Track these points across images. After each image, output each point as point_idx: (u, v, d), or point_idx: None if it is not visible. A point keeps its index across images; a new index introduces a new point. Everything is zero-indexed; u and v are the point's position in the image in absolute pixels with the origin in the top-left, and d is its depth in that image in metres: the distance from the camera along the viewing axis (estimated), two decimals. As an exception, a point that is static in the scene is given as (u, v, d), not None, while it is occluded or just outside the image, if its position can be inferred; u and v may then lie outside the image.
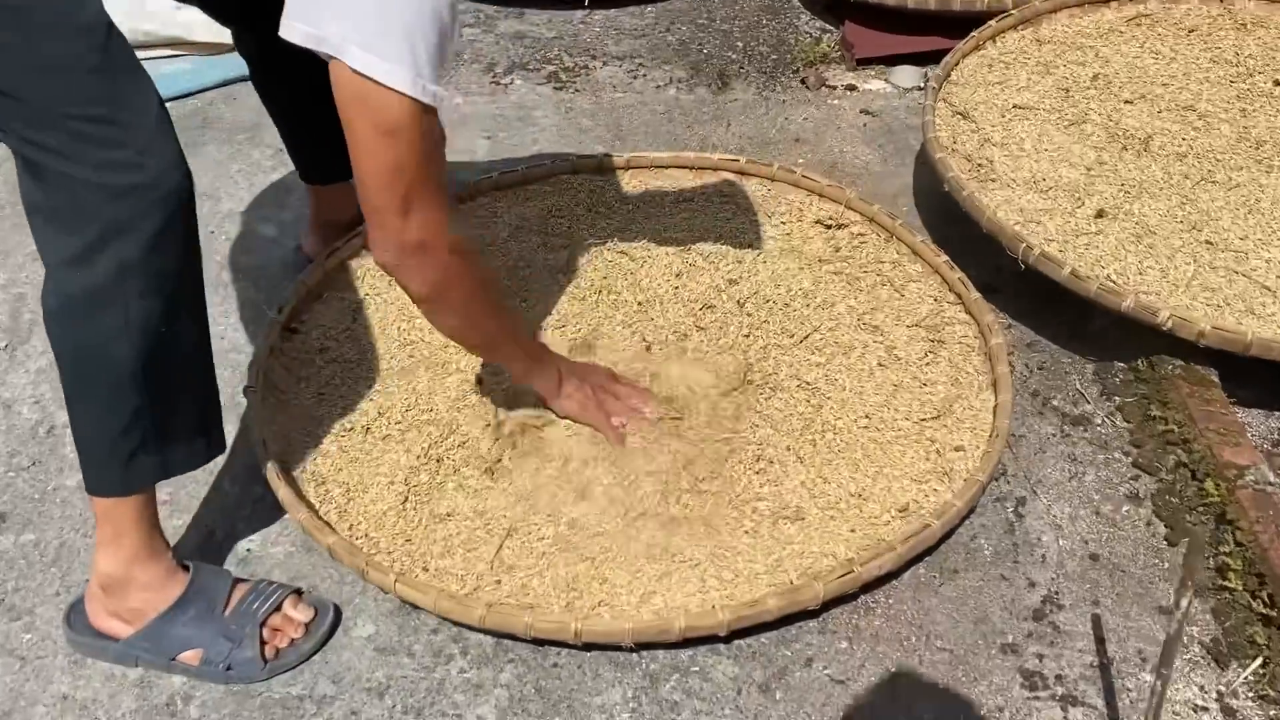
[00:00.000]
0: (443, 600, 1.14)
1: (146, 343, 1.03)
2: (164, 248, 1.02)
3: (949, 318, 1.52)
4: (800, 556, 1.21)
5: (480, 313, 1.18)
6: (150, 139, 1.00)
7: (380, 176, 1.01)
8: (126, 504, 1.12)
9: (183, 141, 1.06)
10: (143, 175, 0.99)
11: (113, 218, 0.98)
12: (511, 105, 2.14)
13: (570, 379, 1.33)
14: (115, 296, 1.01)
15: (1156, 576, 1.25)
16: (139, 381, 1.04)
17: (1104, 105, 1.78)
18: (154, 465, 1.11)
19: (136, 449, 1.08)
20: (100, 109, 0.96)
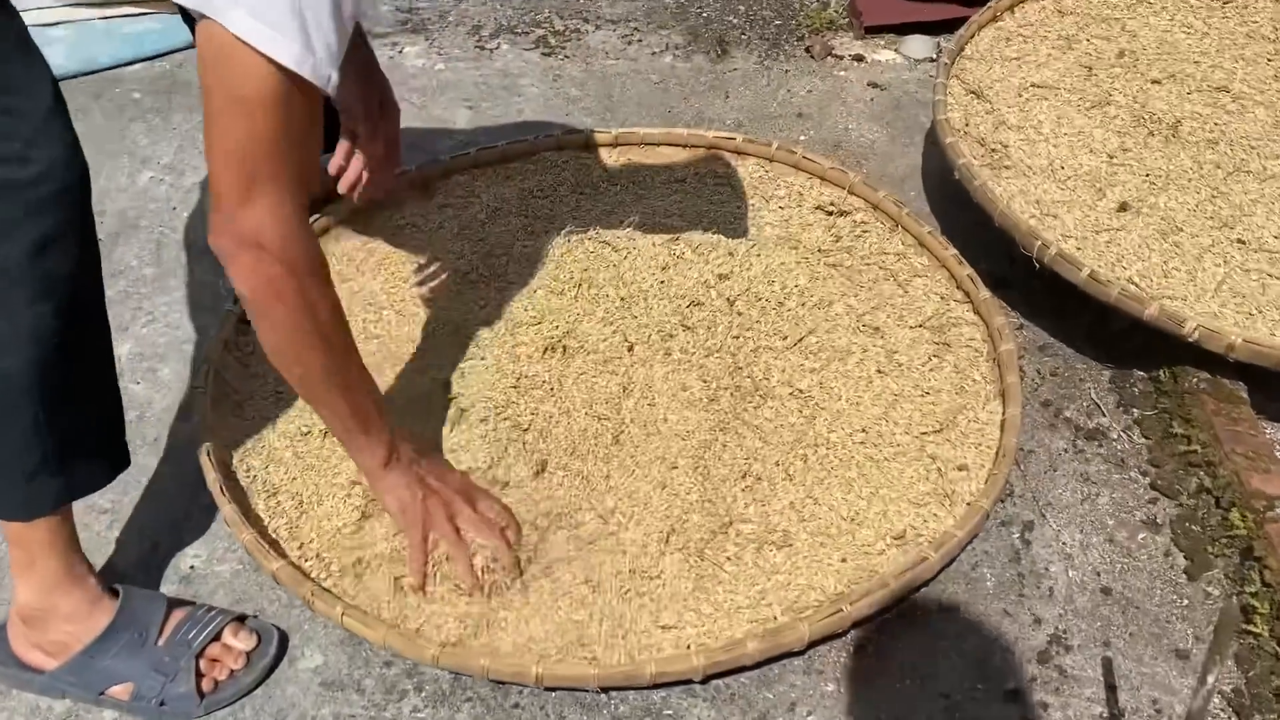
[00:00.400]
0: (393, 636, 1.05)
1: (39, 354, 0.93)
2: (55, 250, 0.92)
3: (956, 318, 1.41)
4: (785, 589, 1.12)
5: (305, 344, 0.98)
6: (39, 130, 0.89)
7: (229, 152, 0.87)
8: (37, 528, 1.02)
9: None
10: (29, 170, 0.89)
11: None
12: (496, 72, 2.01)
13: (403, 467, 1.09)
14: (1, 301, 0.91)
15: (1174, 615, 1.15)
16: (34, 396, 0.94)
17: (1129, 85, 1.64)
18: (57, 487, 1.01)
19: (36, 470, 0.98)
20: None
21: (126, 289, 1.54)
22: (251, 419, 1.29)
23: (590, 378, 1.31)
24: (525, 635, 1.08)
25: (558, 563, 1.14)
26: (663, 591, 1.11)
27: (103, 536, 1.24)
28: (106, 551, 1.22)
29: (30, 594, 1.04)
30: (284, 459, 1.25)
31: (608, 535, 1.16)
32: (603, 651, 1.06)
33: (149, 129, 1.85)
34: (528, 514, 1.18)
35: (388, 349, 1.37)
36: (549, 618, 1.09)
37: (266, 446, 1.26)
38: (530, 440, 1.25)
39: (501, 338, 1.36)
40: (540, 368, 1.33)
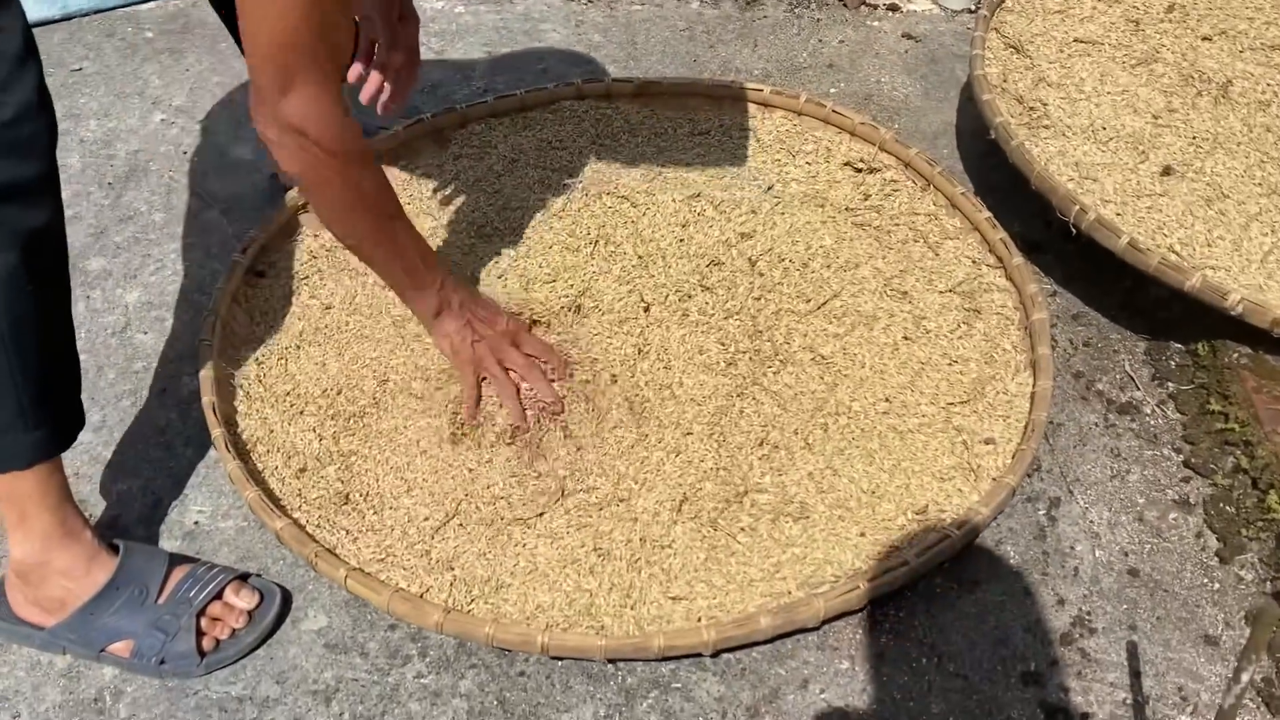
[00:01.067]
0: (397, 601, 1.02)
1: (9, 303, 0.91)
2: (21, 198, 0.90)
3: (987, 284, 1.36)
4: (801, 563, 1.08)
5: (353, 217, 1.08)
6: (10, 72, 0.87)
7: (268, 45, 0.92)
8: (24, 480, 0.99)
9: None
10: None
11: None
12: (517, 16, 1.95)
13: (454, 314, 1.18)
14: None
15: (1204, 599, 1.11)
16: (5, 344, 0.92)
17: (1178, 42, 1.57)
18: (30, 442, 0.97)
19: (12, 420, 0.95)
20: None
21: (135, 234, 1.51)
22: (259, 374, 1.26)
23: (605, 338, 1.27)
24: (533, 603, 1.05)
25: (567, 529, 1.11)
26: (674, 562, 1.08)
27: (107, 490, 1.21)
28: (109, 504, 1.20)
29: (24, 550, 1.02)
30: (291, 415, 1.22)
31: (618, 502, 1.13)
32: (611, 621, 1.04)
33: (161, 69, 1.80)
34: (539, 474, 1.15)
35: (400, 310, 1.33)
36: (557, 585, 1.06)
37: (274, 403, 1.23)
38: (542, 401, 1.21)
39: (515, 295, 1.32)
40: (554, 327, 1.29)
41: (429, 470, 1.16)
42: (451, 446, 1.17)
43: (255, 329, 1.30)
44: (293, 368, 1.26)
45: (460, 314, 1.18)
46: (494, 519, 1.12)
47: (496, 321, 1.21)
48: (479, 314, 1.20)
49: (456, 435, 1.18)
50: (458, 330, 1.18)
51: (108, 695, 1.05)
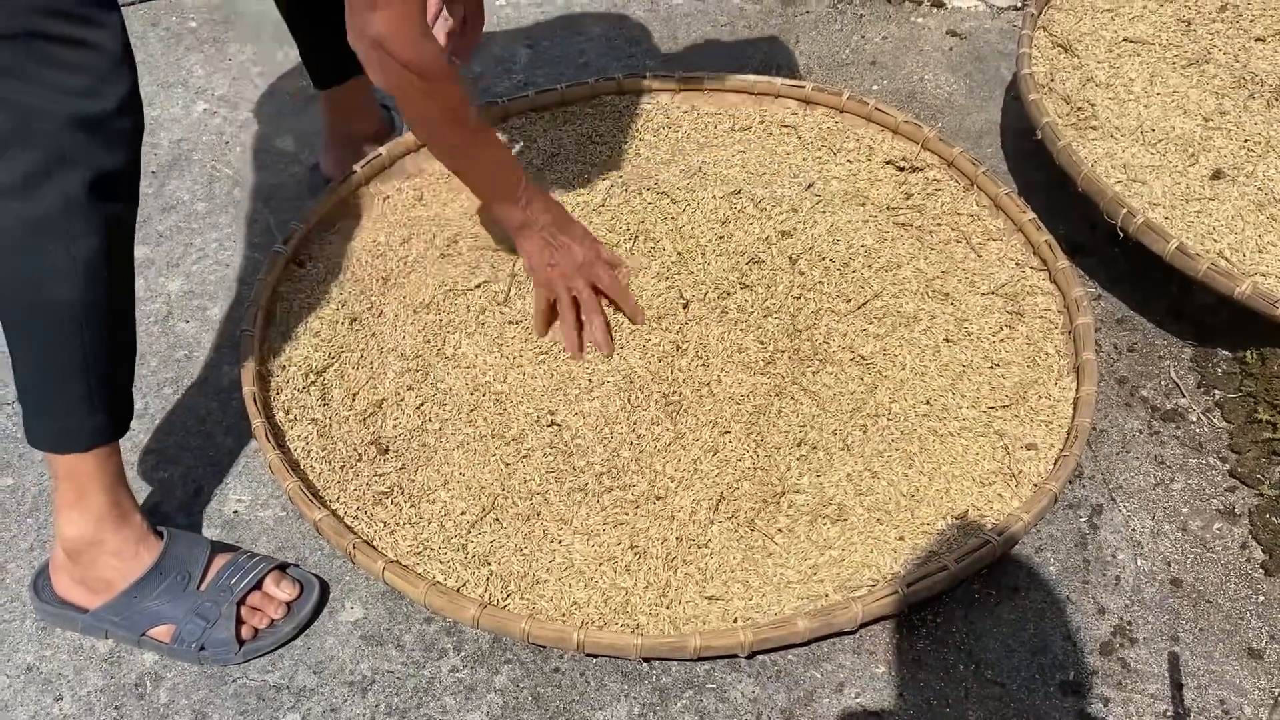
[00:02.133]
0: (434, 595, 1.02)
1: (90, 289, 0.95)
2: (111, 187, 0.94)
3: (1031, 286, 1.34)
4: (839, 565, 1.08)
5: (438, 128, 1.14)
6: (113, 68, 0.91)
7: None
8: (86, 460, 1.02)
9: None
10: (100, 105, 0.91)
11: (60, 147, 0.90)
12: (559, 9, 1.94)
13: (534, 232, 1.22)
14: (59, 231, 0.93)
15: (1248, 611, 1.09)
16: (81, 331, 0.96)
17: (1231, 42, 1.54)
18: (94, 425, 1.01)
19: (75, 405, 0.99)
20: (72, 29, 0.87)
21: (178, 224, 1.52)
22: (300, 365, 1.26)
23: (643, 335, 1.27)
24: (569, 599, 1.05)
25: (604, 526, 1.11)
26: (710, 561, 1.08)
27: (148, 477, 1.23)
28: (150, 492, 1.22)
29: (77, 528, 1.04)
30: (331, 408, 1.22)
31: (655, 500, 1.13)
32: (646, 620, 1.04)
33: (205, 59, 1.82)
34: (575, 470, 1.15)
35: (446, 307, 1.33)
36: (593, 583, 1.06)
37: (314, 394, 1.23)
38: (579, 397, 1.21)
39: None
40: (593, 322, 1.29)
41: (466, 464, 1.16)
42: (489, 440, 1.18)
43: (296, 320, 1.30)
44: (333, 360, 1.26)
45: (540, 234, 1.22)
46: (530, 514, 1.12)
47: (573, 250, 1.23)
48: (559, 238, 1.23)
49: (492, 426, 1.19)
50: (536, 250, 1.22)
51: (148, 680, 1.06)
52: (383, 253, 1.38)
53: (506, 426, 1.19)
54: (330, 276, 1.35)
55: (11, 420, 1.29)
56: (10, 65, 0.87)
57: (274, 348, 1.27)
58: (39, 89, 0.88)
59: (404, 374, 1.24)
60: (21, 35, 0.86)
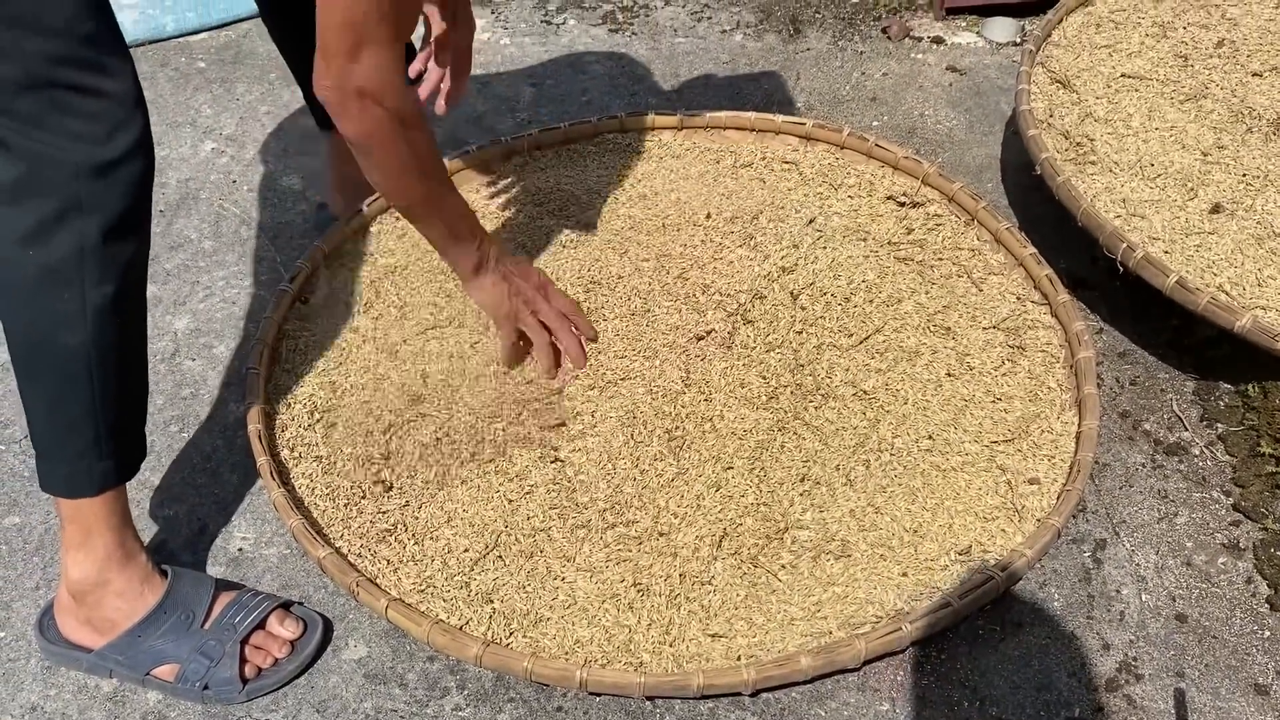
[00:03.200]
0: (437, 633, 1.03)
1: (102, 333, 0.96)
2: (124, 233, 0.95)
3: (1032, 320, 1.35)
4: (842, 602, 1.07)
5: (406, 179, 1.13)
6: (128, 114, 0.92)
7: (343, 13, 0.97)
8: (95, 503, 1.03)
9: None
10: (113, 151, 0.92)
11: (75, 194, 0.91)
12: (562, 49, 1.97)
13: (491, 270, 1.24)
14: (73, 278, 0.93)
15: (1254, 647, 1.09)
16: (92, 373, 0.97)
17: (1228, 77, 1.55)
18: (103, 470, 1.02)
19: (85, 450, 1.00)
20: (88, 78, 0.89)
21: (185, 262, 1.54)
22: (304, 403, 1.27)
23: (645, 370, 1.28)
24: (571, 638, 1.05)
25: (607, 563, 1.11)
26: (714, 598, 1.08)
27: (154, 515, 1.23)
28: (155, 529, 1.22)
29: (83, 569, 1.04)
30: (335, 445, 1.23)
31: (658, 536, 1.13)
32: (650, 658, 1.03)
33: (213, 99, 1.84)
34: (578, 506, 1.15)
35: (450, 345, 1.34)
36: (596, 621, 1.06)
37: (319, 432, 1.24)
38: (582, 434, 1.22)
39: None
40: (596, 358, 1.29)
41: (469, 501, 1.16)
42: (492, 477, 1.18)
43: (301, 358, 1.31)
44: (337, 397, 1.27)
45: (497, 270, 1.25)
46: (533, 551, 1.12)
47: (530, 276, 1.28)
48: (515, 270, 1.27)
49: (496, 463, 1.19)
50: (494, 284, 1.24)
51: (152, 719, 1.06)
52: (388, 290, 1.39)
53: (509, 463, 1.19)
54: (336, 314, 1.36)
55: (18, 459, 1.30)
56: (29, 113, 0.88)
57: (279, 385, 1.28)
58: (55, 137, 0.89)
59: (408, 411, 1.25)
60: (41, 85, 0.87)
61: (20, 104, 0.87)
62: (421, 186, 1.14)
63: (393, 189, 1.15)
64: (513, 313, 1.25)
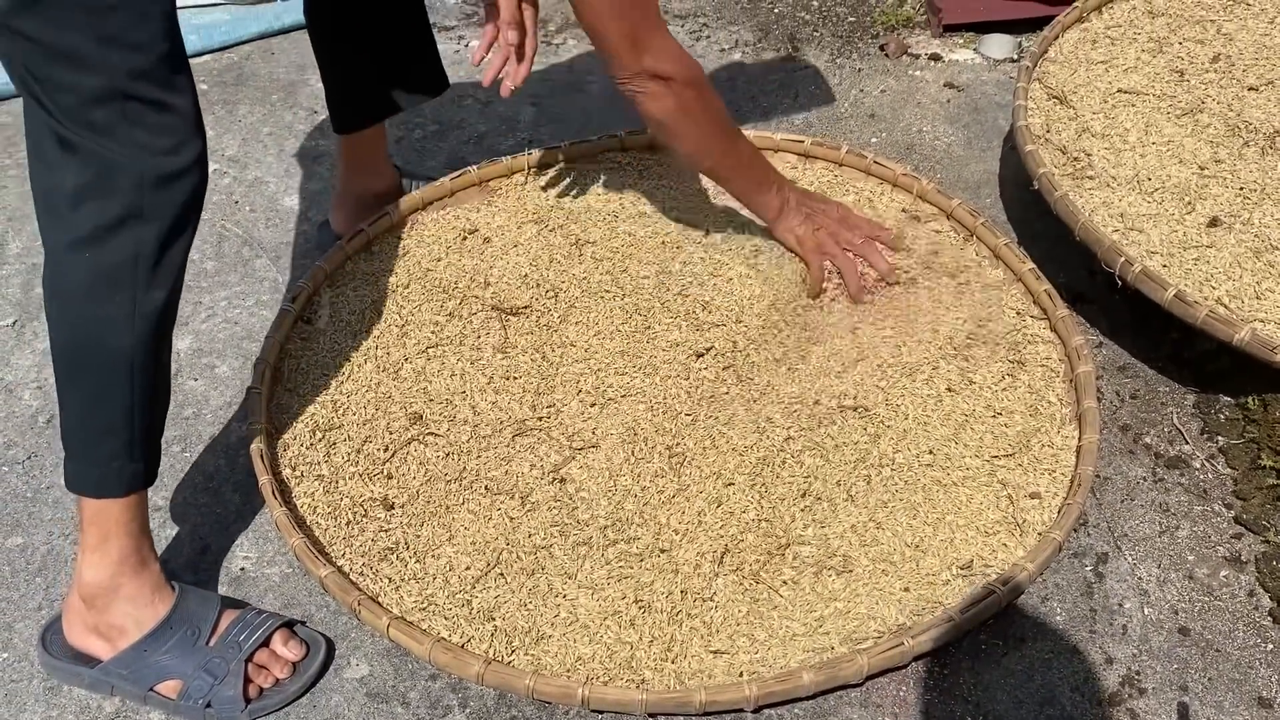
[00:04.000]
0: (438, 651, 1.03)
1: (147, 337, 1.00)
2: (177, 240, 0.99)
3: (1032, 335, 1.35)
4: (844, 617, 1.07)
5: (713, 141, 1.26)
6: (191, 130, 0.97)
7: (612, 17, 1.10)
8: (117, 505, 1.05)
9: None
10: (177, 163, 0.97)
11: (137, 202, 0.95)
12: (562, 68, 1.98)
13: (792, 210, 1.34)
14: (126, 282, 0.97)
15: (1257, 660, 1.09)
16: (133, 376, 1.00)
17: (1224, 92, 1.56)
18: (131, 473, 1.04)
19: (118, 452, 1.02)
20: (158, 92, 0.93)
21: (187, 282, 1.50)
22: (306, 422, 1.27)
23: (649, 386, 1.28)
24: (573, 655, 1.05)
25: (608, 580, 1.11)
26: (715, 615, 1.08)
27: (156, 534, 1.23)
28: (159, 549, 1.22)
29: (98, 572, 1.05)
30: (337, 464, 1.23)
31: (659, 553, 1.13)
32: (652, 675, 1.03)
33: (215, 121, 1.85)
34: (579, 523, 1.15)
35: (450, 363, 1.34)
36: (598, 638, 1.06)
37: (321, 451, 1.24)
38: (583, 450, 1.22)
39: (571, 337, 1.33)
40: (596, 375, 1.30)
41: (470, 519, 1.17)
42: (493, 494, 1.18)
43: (303, 377, 1.32)
44: (339, 416, 1.27)
45: (799, 209, 1.34)
46: (535, 569, 1.12)
47: (830, 209, 1.38)
48: (815, 205, 1.36)
49: (497, 481, 1.20)
50: (801, 223, 1.34)
51: (153, 740, 1.06)
52: (389, 309, 1.40)
53: (511, 481, 1.20)
54: (337, 333, 1.37)
55: (20, 479, 1.30)
56: (103, 123, 0.92)
57: (282, 404, 1.28)
58: (125, 146, 0.93)
59: (409, 429, 1.25)
60: (118, 97, 0.91)
61: (96, 114, 0.91)
62: (725, 142, 1.27)
63: (702, 151, 1.27)
64: (818, 245, 1.34)
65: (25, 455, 1.33)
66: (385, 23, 1.40)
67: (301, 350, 1.35)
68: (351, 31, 1.40)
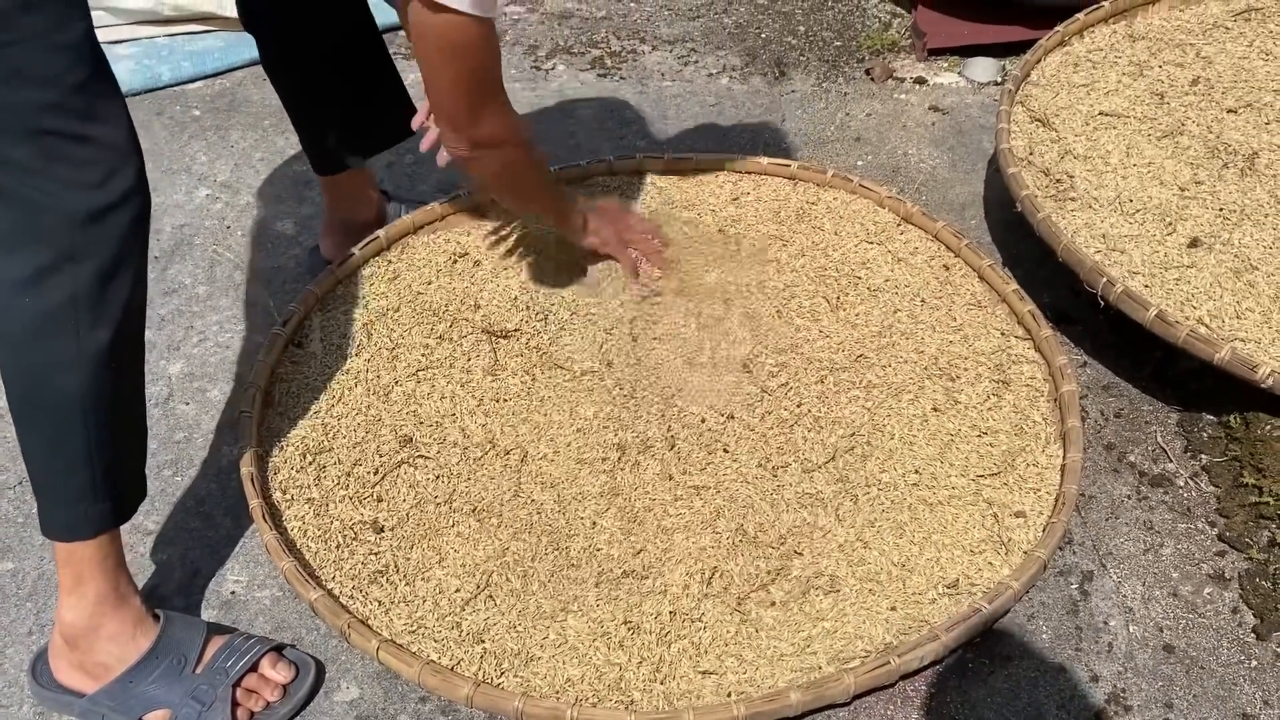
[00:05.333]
0: (428, 674, 1.03)
1: (95, 377, 0.97)
2: (119, 277, 0.96)
3: (1016, 355, 1.36)
4: (832, 637, 1.08)
5: (532, 191, 1.34)
6: (120, 160, 0.93)
7: (450, 90, 1.11)
8: (88, 546, 1.03)
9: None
10: (105, 198, 0.93)
11: (68, 242, 0.92)
12: (552, 93, 2.00)
13: (592, 219, 1.44)
14: (67, 324, 0.94)
15: (1241, 677, 1.09)
16: (86, 417, 0.98)
17: (1204, 114, 1.58)
18: (99, 513, 1.02)
19: (81, 493, 1.01)
20: (81, 126, 0.90)
21: (179, 307, 1.56)
22: (297, 445, 1.28)
23: (638, 407, 1.29)
24: (562, 676, 1.06)
25: (597, 602, 1.11)
26: (704, 635, 1.09)
27: (146, 558, 1.24)
28: (149, 573, 1.23)
29: (76, 613, 1.05)
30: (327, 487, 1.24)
31: (648, 574, 1.14)
32: (641, 696, 1.04)
33: (208, 146, 1.87)
34: (569, 545, 1.16)
35: (439, 384, 1.35)
36: (587, 659, 1.07)
37: (311, 474, 1.25)
38: (572, 474, 1.23)
39: (556, 356, 1.34)
40: (584, 384, 1.31)
41: (459, 541, 1.17)
42: (483, 516, 1.19)
43: (294, 401, 1.33)
44: (330, 439, 1.28)
45: (593, 219, 1.44)
46: (524, 591, 1.13)
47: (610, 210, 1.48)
48: (600, 216, 1.45)
49: (487, 503, 1.20)
50: (598, 229, 1.44)
51: (143, 766, 1.06)
52: (380, 333, 1.41)
53: (500, 503, 1.20)
54: (328, 357, 1.38)
55: (11, 505, 1.30)
56: (22, 162, 0.89)
57: (272, 428, 1.29)
58: (48, 184, 0.90)
59: (399, 452, 1.26)
60: (33, 133, 0.88)
61: (14, 152, 0.88)
62: (542, 192, 1.36)
63: (523, 204, 1.41)
64: (617, 240, 1.45)
65: (16, 481, 1.33)
66: (346, 74, 1.41)
67: (292, 374, 1.36)
68: (313, 85, 1.42)
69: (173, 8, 2.08)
